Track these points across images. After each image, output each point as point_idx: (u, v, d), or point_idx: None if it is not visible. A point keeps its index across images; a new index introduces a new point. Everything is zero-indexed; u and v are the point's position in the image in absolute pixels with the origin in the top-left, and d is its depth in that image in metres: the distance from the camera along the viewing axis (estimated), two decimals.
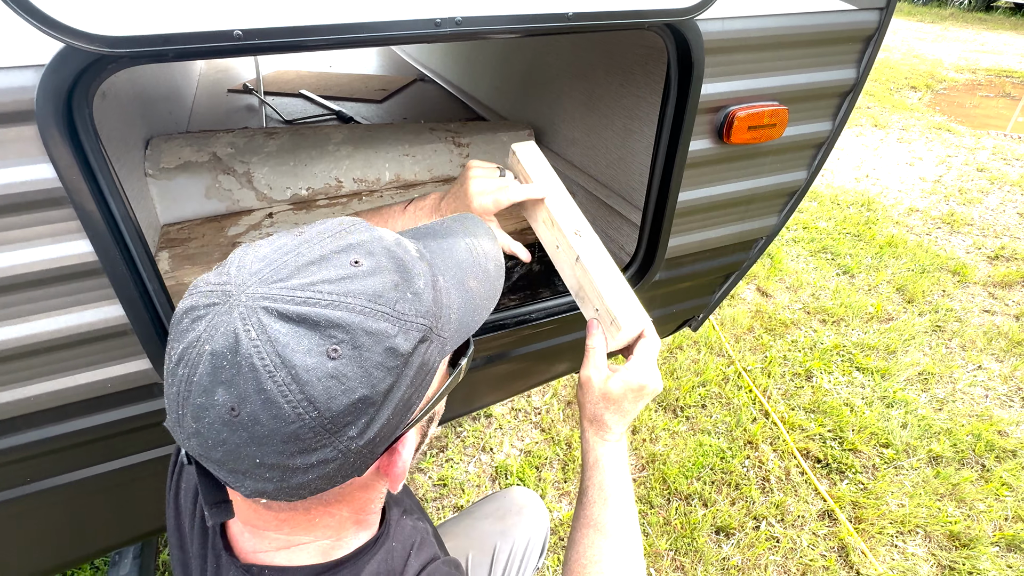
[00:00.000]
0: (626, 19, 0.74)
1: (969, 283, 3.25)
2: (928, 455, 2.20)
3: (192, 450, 0.43)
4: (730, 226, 1.17)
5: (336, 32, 0.62)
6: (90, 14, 0.54)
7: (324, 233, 0.46)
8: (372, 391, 0.42)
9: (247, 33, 0.59)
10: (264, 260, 0.43)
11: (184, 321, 0.42)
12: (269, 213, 1.51)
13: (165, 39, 0.57)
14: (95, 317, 0.74)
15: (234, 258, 0.44)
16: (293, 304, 0.40)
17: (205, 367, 0.40)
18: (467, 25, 0.67)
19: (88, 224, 0.67)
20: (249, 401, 0.39)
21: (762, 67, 0.96)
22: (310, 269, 0.42)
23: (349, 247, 0.44)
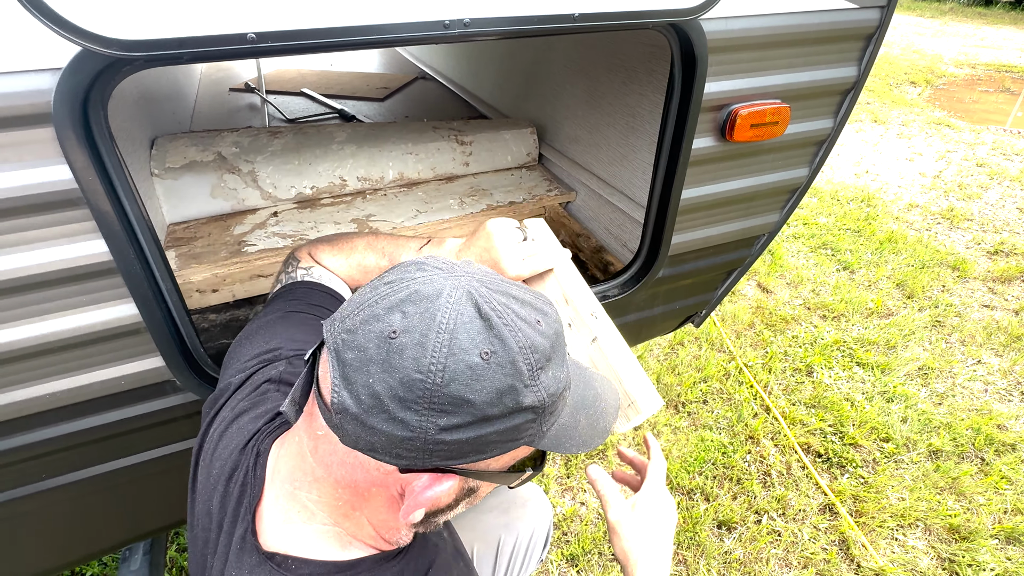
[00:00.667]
0: (632, 19, 0.75)
1: (969, 278, 3.26)
2: (928, 449, 2.22)
3: (336, 342, 0.48)
4: (732, 223, 1.18)
5: (346, 35, 0.63)
6: (106, 18, 0.55)
7: (536, 294, 0.54)
8: (478, 405, 0.46)
9: (261, 36, 0.60)
10: (487, 274, 0.52)
11: (410, 267, 0.51)
12: (274, 212, 1.52)
13: (180, 42, 0.57)
14: (110, 316, 0.75)
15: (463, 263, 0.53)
16: (489, 306, 0.48)
17: (403, 293, 0.48)
18: (475, 27, 0.67)
19: (103, 224, 0.68)
20: (410, 334, 0.46)
21: (764, 65, 0.97)
22: (513, 297, 0.50)
23: (544, 312, 0.52)
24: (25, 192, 0.64)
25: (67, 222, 0.67)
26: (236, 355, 0.71)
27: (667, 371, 2.56)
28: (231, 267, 1.32)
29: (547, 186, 1.66)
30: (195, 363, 0.85)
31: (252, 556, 0.55)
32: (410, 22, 0.65)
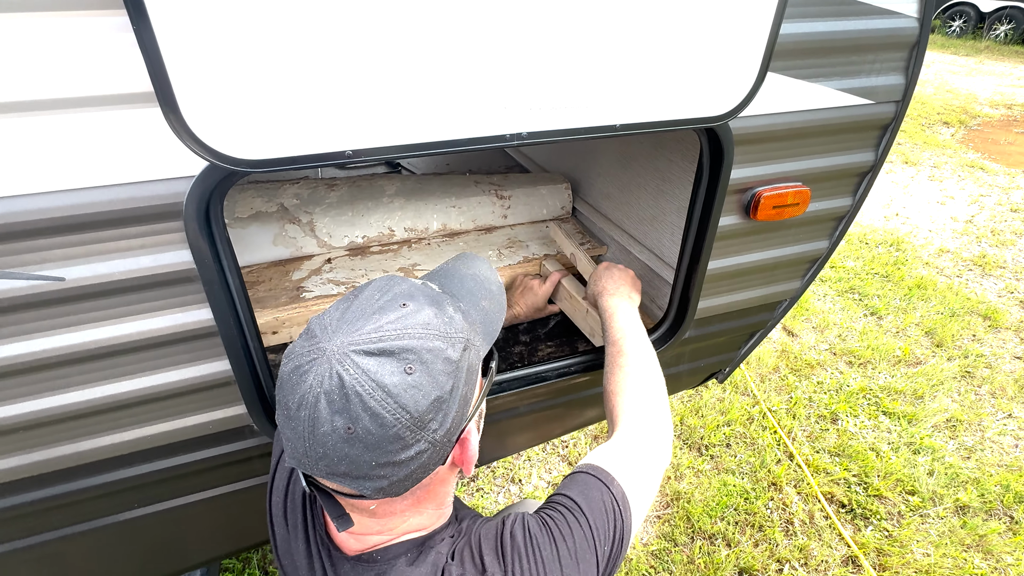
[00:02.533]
0: (666, 127, 0.86)
1: (1000, 328, 3.24)
2: (955, 504, 2.22)
3: (320, 472, 0.57)
4: (755, 290, 1.26)
5: (426, 148, 0.75)
6: (234, 139, 0.68)
7: (374, 290, 0.63)
8: (441, 391, 0.58)
9: (356, 152, 0.72)
10: (339, 320, 0.59)
11: (292, 379, 0.57)
12: (328, 259, 1.66)
13: (293, 160, 0.70)
14: (207, 371, 0.87)
15: (314, 326, 0.60)
16: (372, 344, 0.56)
17: (322, 404, 0.54)
18: (531, 138, 0.79)
19: (211, 297, 0.81)
20: (360, 419, 0.54)
21: (786, 154, 1.07)
22: (374, 318, 0.58)
23: (395, 296, 0.61)
24: (154, 272, 0.77)
25: (182, 295, 0.80)
26: None
27: (690, 413, 2.61)
28: (291, 312, 1.45)
29: (579, 239, 1.77)
30: (271, 411, 0.96)
31: (343, 564, 0.68)
32: (480, 136, 0.77)
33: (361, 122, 0.71)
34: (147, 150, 0.70)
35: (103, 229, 0.72)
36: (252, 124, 0.67)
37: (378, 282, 0.64)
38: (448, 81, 0.72)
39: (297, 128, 0.69)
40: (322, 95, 0.68)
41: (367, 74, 0.69)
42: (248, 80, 0.65)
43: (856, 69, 1.02)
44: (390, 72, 0.69)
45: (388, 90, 0.70)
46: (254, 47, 0.63)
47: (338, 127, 0.71)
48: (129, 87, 0.65)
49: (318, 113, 0.69)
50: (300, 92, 0.67)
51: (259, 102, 0.66)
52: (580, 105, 0.79)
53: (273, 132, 0.69)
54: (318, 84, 0.67)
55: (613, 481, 0.74)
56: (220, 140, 0.67)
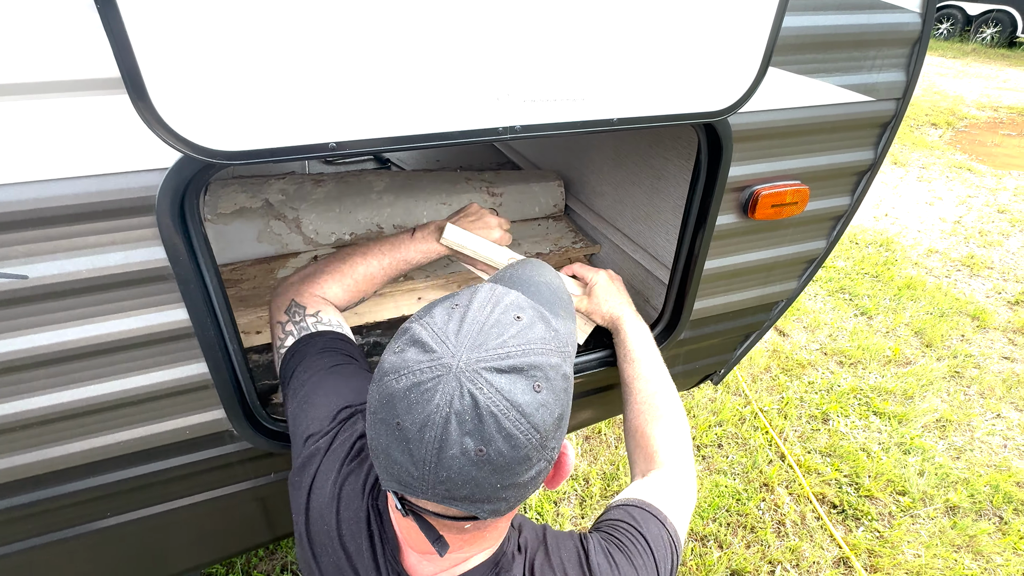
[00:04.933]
0: (665, 121, 0.83)
1: (989, 328, 3.26)
2: (945, 504, 2.22)
3: (436, 496, 0.53)
4: (752, 290, 1.24)
5: (416, 141, 0.71)
6: (209, 129, 0.64)
7: (483, 302, 0.59)
8: (562, 409, 0.56)
9: (340, 145, 0.68)
10: (458, 333, 0.55)
11: (411, 397, 0.52)
12: (315, 256, 1.61)
13: (272, 152, 0.66)
14: (183, 374, 0.83)
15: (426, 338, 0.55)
16: (501, 360, 0.53)
17: (452, 426, 0.51)
18: (525, 132, 0.76)
19: (186, 296, 0.77)
20: (493, 441, 0.51)
21: (785, 151, 1.04)
22: (494, 332, 0.55)
23: (507, 308, 0.58)
24: (124, 270, 0.72)
25: (156, 294, 0.76)
26: (303, 421, 0.77)
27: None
28: None
29: (572, 238, 1.74)
30: (252, 416, 0.92)
31: None
32: (470, 129, 0.73)
33: (345, 112, 0.67)
34: (116, 140, 0.65)
35: (69, 224, 0.68)
36: (229, 113, 0.63)
37: (483, 292, 0.60)
38: (437, 70, 0.68)
39: (277, 118, 0.65)
40: (304, 83, 0.64)
41: (352, 61, 0.65)
42: (224, 65, 0.60)
43: (857, 65, 1.00)
44: (376, 59, 0.66)
45: (374, 79, 0.67)
46: (231, 30, 0.59)
47: (321, 117, 0.67)
48: (96, 71, 0.61)
49: (300, 102, 0.65)
50: (280, 79, 0.63)
51: (236, 89, 0.62)
52: (576, 98, 0.76)
53: (252, 122, 0.64)
54: (300, 71, 0.64)
55: (667, 519, 0.77)
56: (194, 130, 0.63)
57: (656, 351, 1.04)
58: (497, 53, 0.70)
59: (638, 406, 0.94)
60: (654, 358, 1.02)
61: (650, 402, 0.94)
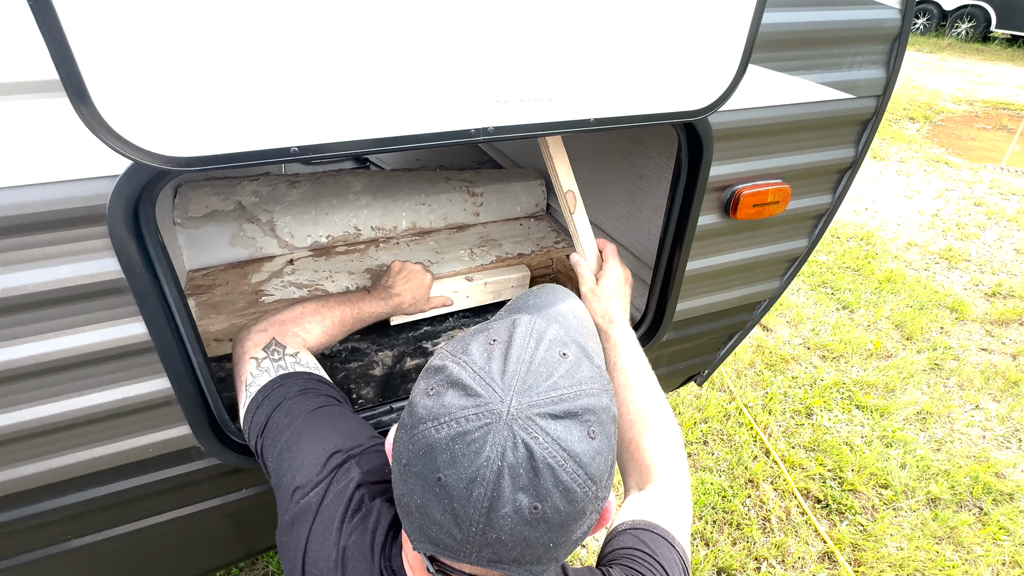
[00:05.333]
0: (644, 121, 0.81)
1: (967, 320, 3.30)
2: (926, 497, 2.24)
3: (482, 560, 0.47)
4: (734, 290, 1.23)
5: (384, 144, 0.68)
6: (161, 134, 0.60)
7: (525, 336, 0.54)
8: (614, 454, 0.52)
9: (303, 149, 0.65)
10: (503, 374, 0.50)
11: (456, 449, 0.46)
12: (290, 260, 1.57)
13: (229, 157, 0.63)
14: (144, 390, 0.79)
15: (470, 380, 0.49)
16: (554, 404, 0.48)
17: (505, 480, 0.45)
18: (498, 134, 0.73)
19: (144, 309, 0.73)
20: (550, 496, 0.46)
21: (766, 150, 1.03)
22: (542, 372, 0.50)
23: (551, 344, 0.53)
24: (75, 283, 0.68)
25: (111, 307, 0.72)
26: (288, 471, 0.70)
27: None
28: (248, 318, 1.36)
29: (555, 237, 1.71)
30: (220, 431, 0.88)
31: None
32: (441, 131, 0.70)
33: (307, 116, 0.64)
34: (63, 146, 0.61)
35: (13, 236, 0.64)
36: (181, 116, 0.59)
37: (523, 326, 0.55)
38: (405, 69, 0.65)
39: (235, 121, 0.62)
40: (263, 83, 0.61)
41: (314, 61, 0.61)
42: (175, 65, 0.57)
43: (838, 62, 0.98)
44: (340, 59, 0.62)
45: (338, 79, 0.63)
46: (181, 26, 0.55)
47: (282, 121, 0.63)
48: (39, 73, 0.57)
49: (258, 104, 0.61)
50: (237, 79, 0.60)
51: (189, 91, 0.58)
52: (551, 98, 0.73)
53: (206, 125, 0.61)
54: (258, 70, 0.60)
55: (675, 540, 0.74)
56: (143, 135, 0.59)
57: (644, 359, 1.01)
58: (468, 52, 0.67)
59: (629, 417, 0.92)
60: (643, 366, 1.00)
61: (641, 412, 0.91)
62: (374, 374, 1.40)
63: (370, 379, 1.38)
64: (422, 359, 1.44)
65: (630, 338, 1.03)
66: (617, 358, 1.01)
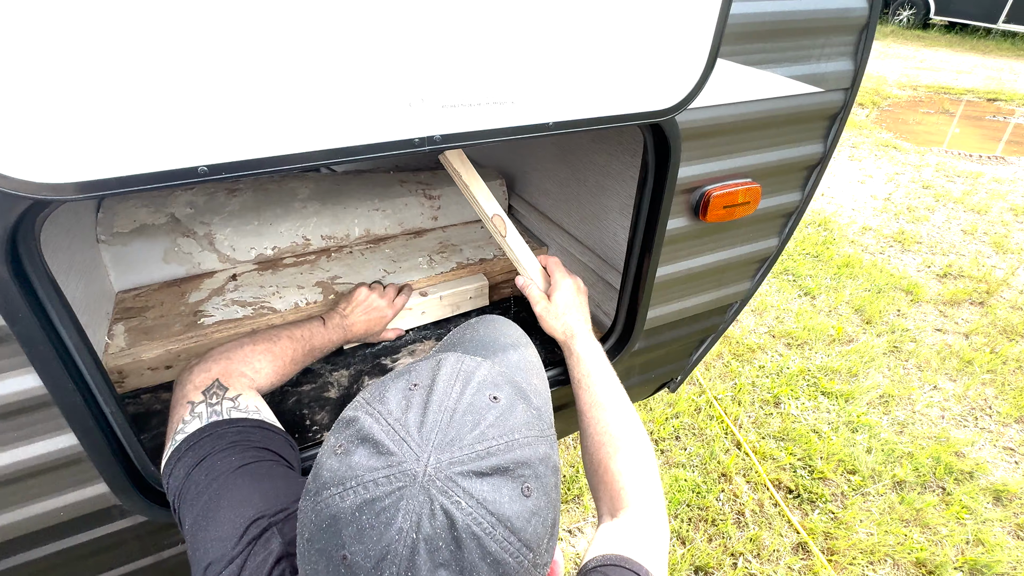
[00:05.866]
0: (607, 123, 0.74)
1: (921, 302, 3.39)
2: (892, 480, 2.28)
3: None
4: (705, 294, 1.18)
5: (307, 160, 0.59)
6: (23, 155, 0.49)
7: (449, 378, 0.47)
8: (556, 511, 0.46)
9: (214, 168, 0.55)
10: (421, 426, 0.43)
11: (363, 520, 0.39)
12: (232, 275, 1.45)
13: (123, 182, 0.52)
14: (46, 449, 0.68)
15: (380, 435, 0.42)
16: (480, 459, 0.41)
17: (421, 556, 0.38)
18: (446, 142, 0.64)
19: (36, 359, 0.62)
20: (476, 571, 0.39)
21: (735, 148, 0.97)
22: (468, 420, 0.44)
23: (479, 386, 0.47)
24: None
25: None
26: (202, 543, 0.60)
27: (640, 407, 2.56)
28: (187, 342, 1.24)
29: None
30: (144, 484, 0.78)
31: None
32: (377, 142, 0.61)
33: (217, 128, 0.54)
34: None
35: None
36: (53, 134, 0.49)
37: (447, 367, 0.48)
38: (334, 68, 0.56)
39: (126, 137, 0.51)
40: (158, 88, 0.51)
41: (221, 59, 0.52)
42: (42, 67, 0.46)
43: (806, 54, 0.93)
44: (251, 56, 0.53)
45: (253, 81, 0.54)
46: (51, 17, 0.45)
47: (185, 135, 0.53)
48: None
49: (154, 115, 0.51)
50: (126, 81, 0.49)
51: (59, 96, 0.48)
52: (504, 101, 0.65)
53: (89, 144, 0.50)
54: (150, 72, 0.50)
55: (650, 574, 0.67)
56: (3, 158, 0.49)
57: (611, 372, 0.95)
58: (407, 49, 0.58)
59: (598, 437, 0.86)
60: (610, 381, 0.94)
61: (610, 432, 0.85)
62: (329, 396, 1.30)
63: (325, 402, 1.28)
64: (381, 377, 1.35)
65: (595, 351, 0.97)
66: (581, 374, 0.95)
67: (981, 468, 2.32)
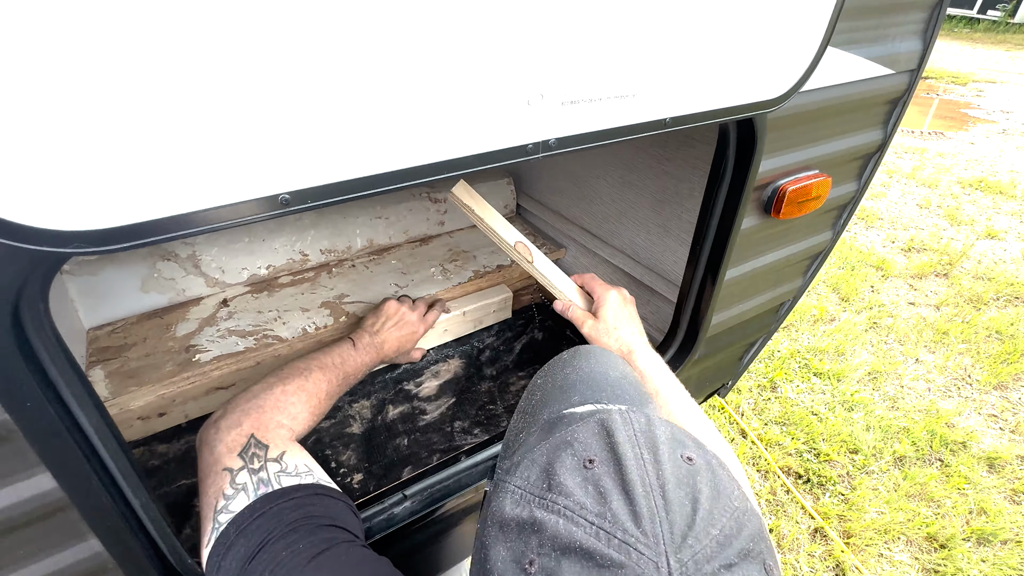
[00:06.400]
0: (720, 117, 0.64)
1: (891, 276, 3.50)
2: (893, 456, 2.32)
3: None
4: (763, 295, 1.11)
5: (412, 177, 0.46)
6: (46, 198, 0.35)
7: (631, 447, 0.38)
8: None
9: (296, 196, 0.42)
10: (636, 518, 0.34)
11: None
12: (223, 300, 1.27)
13: (178, 223, 0.38)
14: (73, 559, 0.53)
15: (590, 543, 0.33)
16: (724, 548, 0.34)
17: None
18: (561, 147, 0.53)
19: (47, 457, 0.47)
20: None
21: (810, 138, 0.90)
22: (682, 499, 0.36)
23: (669, 448, 0.39)
24: None
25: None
26: None
27: None
28: (182, 384, 1.07)
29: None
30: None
31: None
32: (487, 151, 0.49)
33: (302, 143, 0.41)
34: None
35: None
36: (82, 170, 0.34)
37: (616, 426, 0.40)
38: (443, 66, 0.43)
39: (186, 166, 0.37)
40: (227, 100, 0.37)
41: (312, 60, 0.38)
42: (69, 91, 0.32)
43: (883, 33, 0.86)
44: (357, 59, 0.40)
45: (353, 87, 0.40)
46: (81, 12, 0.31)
47: (264, 156, 0.40)
48: None
49: (226, 135, 0.38)
50: (184, 98, 0.36)
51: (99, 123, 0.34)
52: (628, 94, 0.54)
53: (140, 177, 0.36)
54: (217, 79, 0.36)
55: None
56: (21, 204, 0.34)
57: (680, 386, 0.87)
58: (527, 36, 0.46)
59: None
60: (682, 396, 0.85)
61: None
62: (352, 432, 1.15)
63: (349, 440, 1.14)
64: (407, 405, 1.21)
65: (659, 365, 0.88)
66: (651, 391, 0.86)
67: (972, 437, 2.39)
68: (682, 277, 1.00)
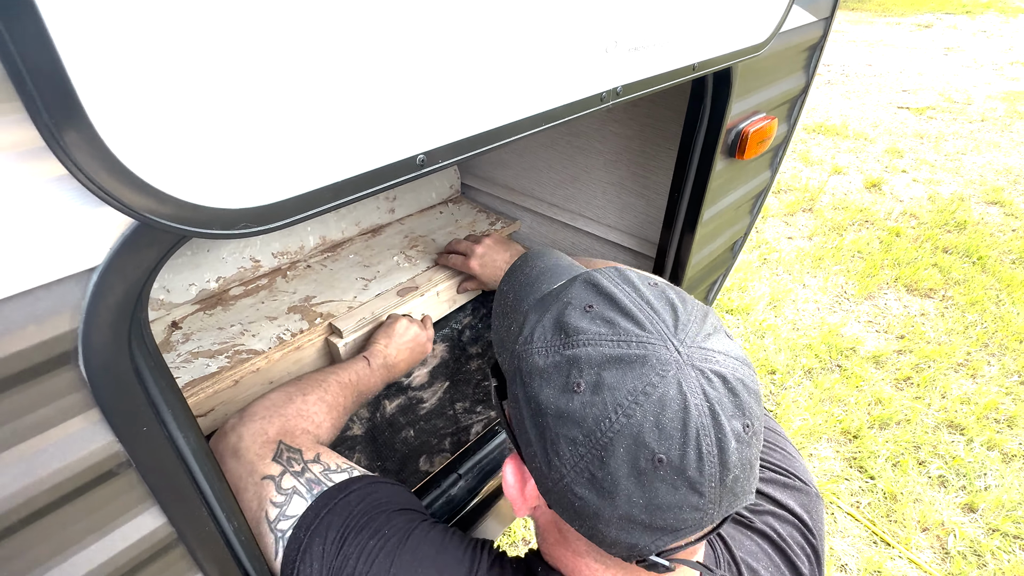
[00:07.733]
0: (725, 62, 0.69)
1: (769, 217, 3.94)
2: (803, 370, 2.65)
3: (720, 513, 0.43)
4: (724, 234, 1.21)
5: (522, 129, 0.46)
6: (207, 170, 0.31)
7: (615, 285, 0.48)
8: None
9: (431, 156, 0.40)
10: (655, 313, 0.46)
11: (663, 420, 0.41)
12: (172, 323, 1.14)
13: (333, 191, 0.35)
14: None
15: (632, 348, 0.43)
16: (704, 322, 0.47)
17: (721, 418, 0.41)
18: (626, 93, 0.55)
19: (159, 491, 0.41)
20: (749, 408, 0.44)
21: (763, 83, 0.99)
22: (670, 299, 0.48)
23: (644, 280, 0.50)
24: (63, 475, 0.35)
25: (108, 503, 0.39)
26: None
27: None
28: None
29: (486, 219, 1.53)
30: None
31: None
32: (566, 104, 0.50)
33: (432, 104, 0.39)
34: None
35: None
36: (254, 135, 0.31)
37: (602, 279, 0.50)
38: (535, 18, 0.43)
39: (340, 129, 0.34)
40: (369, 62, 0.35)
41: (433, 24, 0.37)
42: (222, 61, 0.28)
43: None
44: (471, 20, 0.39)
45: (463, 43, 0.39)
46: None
47: (405, 119, 0.38)
48: None
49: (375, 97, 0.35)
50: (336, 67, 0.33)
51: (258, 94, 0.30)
52: (670, 41, 0.57)
53: (295, 149, 0.33)
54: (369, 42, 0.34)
55: None
56: (176, 173, 0.30)
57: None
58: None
59: None
60: None
61: None
62: (355, 434, 1.10)
63: (353, 442, 1.09)
64: (403, 398, 1.18)
65: None
66: None
67: (858, 342, 2.80)
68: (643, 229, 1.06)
